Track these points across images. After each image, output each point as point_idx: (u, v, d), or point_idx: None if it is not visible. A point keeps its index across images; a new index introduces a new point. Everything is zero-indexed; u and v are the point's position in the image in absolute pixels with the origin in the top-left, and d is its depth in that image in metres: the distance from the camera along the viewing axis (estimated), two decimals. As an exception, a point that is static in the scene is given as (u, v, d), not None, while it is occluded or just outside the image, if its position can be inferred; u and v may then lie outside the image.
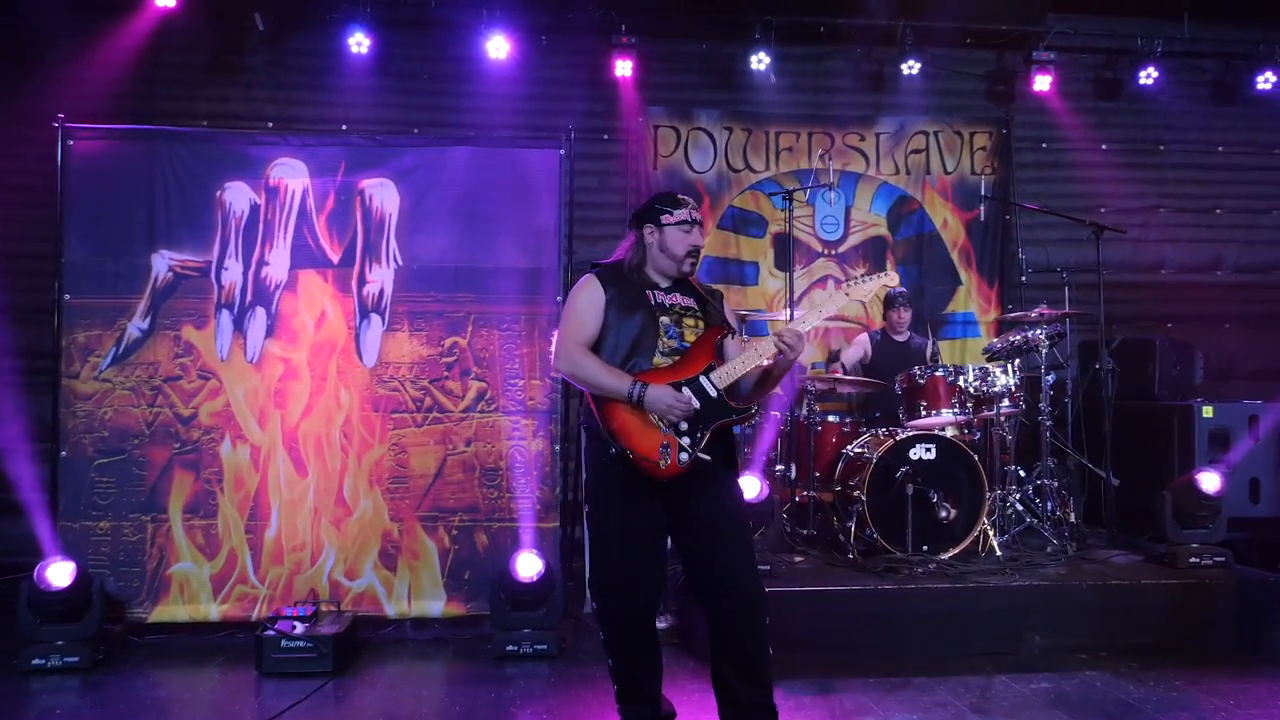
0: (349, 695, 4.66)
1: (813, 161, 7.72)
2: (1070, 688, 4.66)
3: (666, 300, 3.63)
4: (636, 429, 3.41)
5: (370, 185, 5.54)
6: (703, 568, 3.56)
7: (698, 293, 3.71)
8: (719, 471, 3.55)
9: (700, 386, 3.46)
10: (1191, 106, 8.09)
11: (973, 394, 5.94)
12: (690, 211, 3.67)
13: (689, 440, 3.42)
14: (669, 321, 3.58)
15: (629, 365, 3.51)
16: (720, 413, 3.47)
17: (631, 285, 3.64)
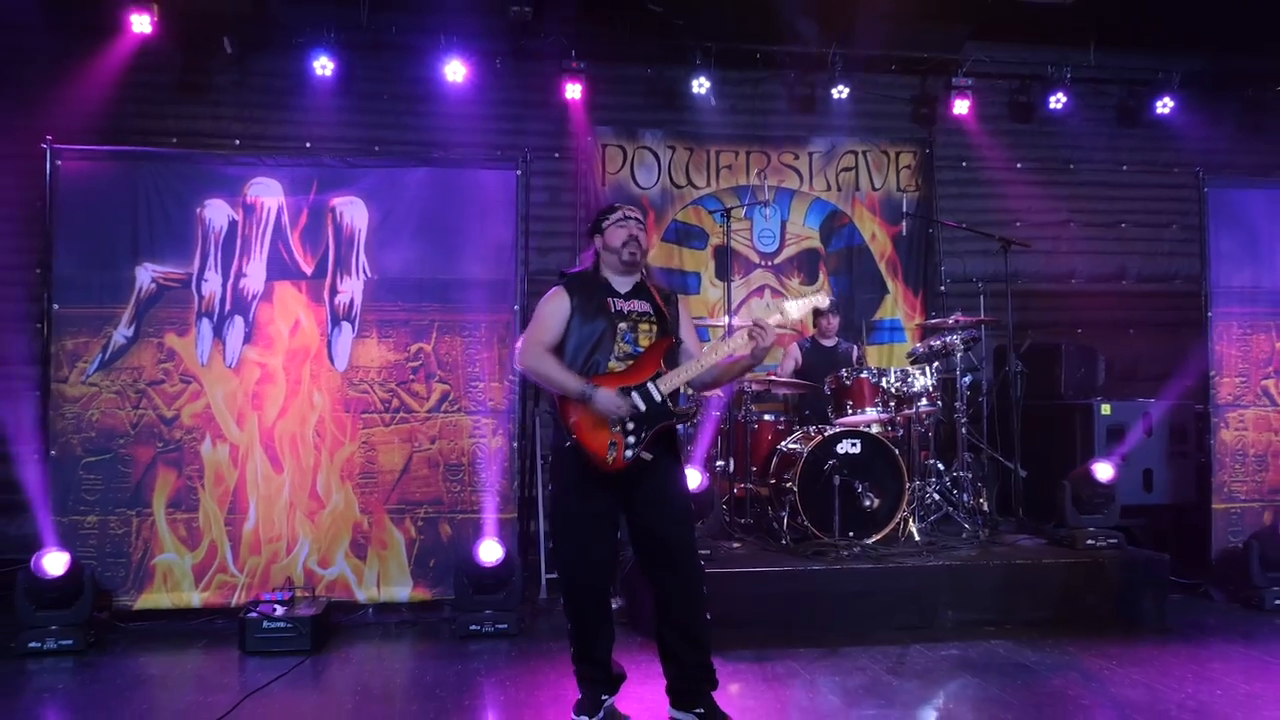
0: (326, 670, 5.11)
1: (750, 178, 8.29)
2: (975, 654, 5.23)
3: (625, 307, 4.00)
4: (589, 426, 3.83)
5: (341, 203, 5.98)
6: (651, 545, 3.99)
7: (655, 299, 4.07)
8: (665, 462, 3.98)
9: (646, 391, 3.85)
10: (1098, 129, 8.76)
11: (894, 394, 6.51)
12: (625, 210, 4.10)
13: (633, 439, 3.83)
14: (626, 327, 3.96)
15: (587, 366, 3.91)
16: (662, 416, 3.88)
17: (594, 292, 4.01)
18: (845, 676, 4.86)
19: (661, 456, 3.96)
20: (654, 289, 4.12)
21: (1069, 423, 7.13)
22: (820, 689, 4.69)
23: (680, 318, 4.14)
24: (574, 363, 3.94)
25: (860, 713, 4.37)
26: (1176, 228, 8.77)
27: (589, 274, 4.11)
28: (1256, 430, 6.61)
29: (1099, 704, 4.51)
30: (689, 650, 4.01)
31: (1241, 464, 6.58)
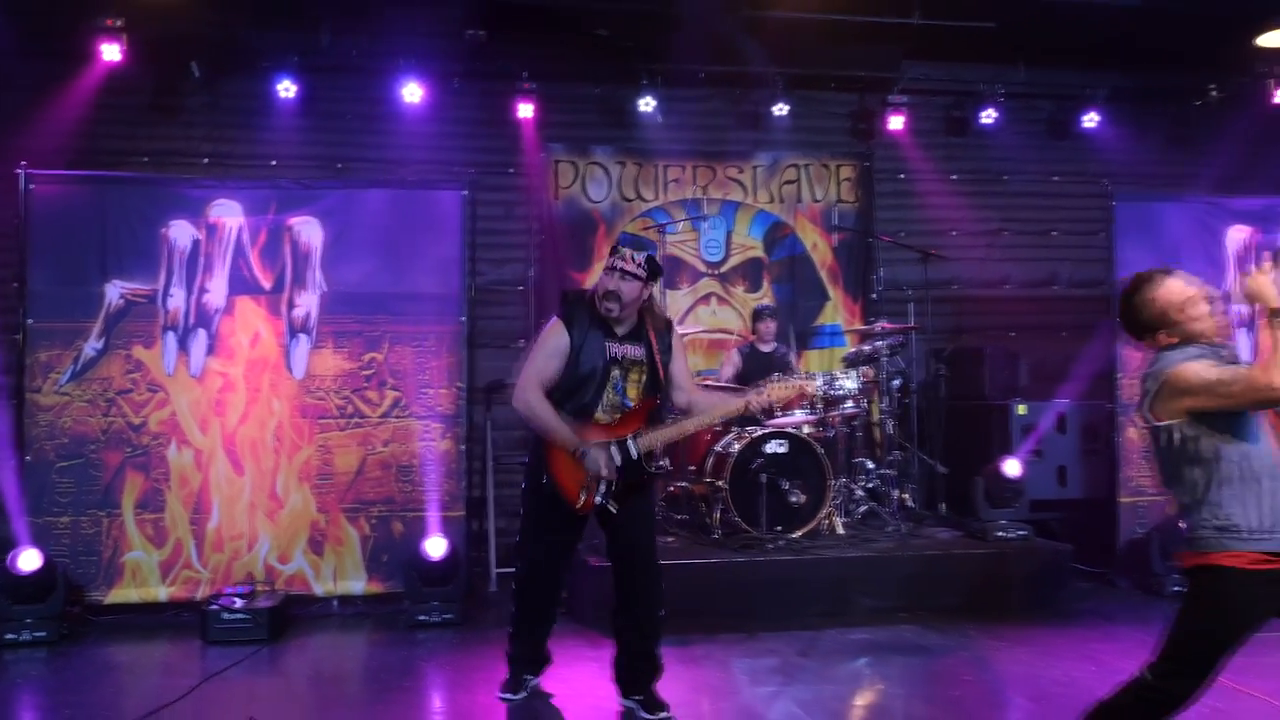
0: (282, 657, 5.53)
1: (697, 192, 8.71)
2: (883, 638, 5.68)
3: (620, 352, 4.13)
4: (566, 468, 4.07)
5: (298, 222, 6.41)
6: (622, 548, 4.28)
7: (651, 341, 4.18)
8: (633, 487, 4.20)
9: (625, 447, 4.08)
10: (1030, 141, 9.18)
11: (822, 396, 6.94)
12: (615, 260, 4.10)
13: (604, 488, 4.08)
14: (618, 375, 4.13)
15: (576, 410, 4.09)
16: (635, 472, 4.12)
17: (593, 331, 4.10)
18: (757, 658, 5.30)
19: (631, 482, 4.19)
20: (651, 329, 4.21)
21: (989, 422, 7.57)
22: (731, 670, 5.13)
23: (674, 348, 4.29)
24: (563, 403, 4.10)
25: (762, 689, 4.80)
26: (1104, 235, 9.16)
27: (587, 304, 4.17)
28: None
29: (981, 679, 4.95)
30: (639, 642, 4.32)
31: (1147, 460, 7.01)
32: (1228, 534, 3.02)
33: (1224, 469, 3.04)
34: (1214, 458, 3.05)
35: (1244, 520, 3.01)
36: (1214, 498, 3.05)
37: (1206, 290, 3.18)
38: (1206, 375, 3.00)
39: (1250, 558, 3.01)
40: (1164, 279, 3.17)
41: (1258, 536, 2.99)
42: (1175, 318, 3.10)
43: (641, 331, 4.20)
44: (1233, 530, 3.02)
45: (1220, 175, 8.92)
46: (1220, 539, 3.04)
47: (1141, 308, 3.17)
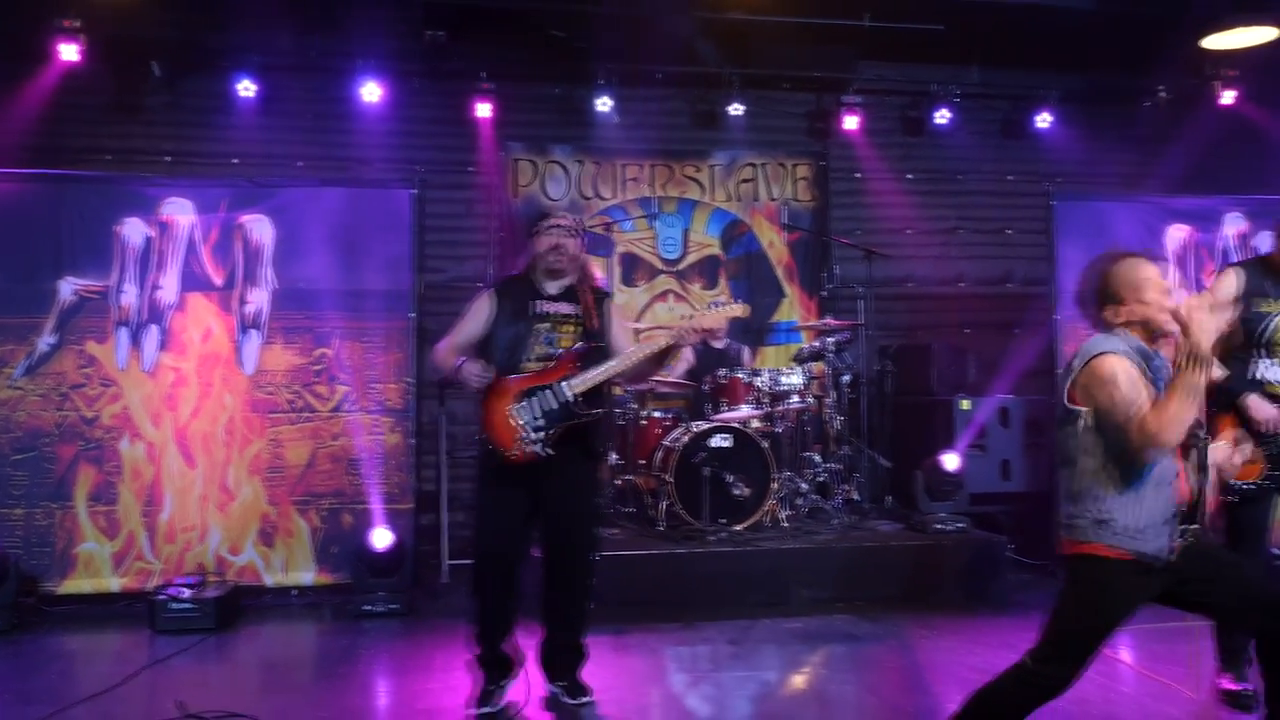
0: (228, 646, 5.66)
1: (655, 190, 8.84)
2: (815, 627, 5.82)
3: (549, 309, 4.22)
4: (498, 422, 4.09)
5: (249, 220, 6.53)
6: (556, 538, 4.31)
7: (585, 302, 4.26)
8: (578, 460, 4.25)
9: (557, 390, 4.10)
10: (985, 141, 9.31)
11: (768, 392, 7.08)
12: (555, 219, 4.31)
13: (538, 435, 4.06)
14: (547, 329, 4.19)
15: (508, 365, 4.14)
16: (567, 415, 4.11)
17: (522, 295, 4.25)
18: (688, 647, 5.44)
19: (574, 454, 4.21)
20: (587, 292, 4.31)
21: (934, 417, 7.70)
22: (661, 657, 5.26)
23: (610, 319, 4.34)
24: (495, 361, 4.16)
25: (686, 676, 4.95)
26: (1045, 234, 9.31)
27: (519, 278, 4.37)
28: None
29: (901, 666, 5.09)
30: (565, 632, 4.40)
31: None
32: (1103, 527, 3.14)
33: (1116, 469, 3.12)
34: (1107, 456, 3.13)
35: (1121, 518, 3.12)
36: (1099, 492, 3.15)
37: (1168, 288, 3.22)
38: (1122, 386, 3.05)
39: (1119, 552, 3.13)
40: (1133, 258, 3.22)
41: (1129, 535, 3.11)
42: (1125, 295, 3.16)
43: (574, 293, 4.29)
44: (1108, 525, 3.13)
45: (1169, 175, 9.07)
46: (1095, 530, 3.16)
47: (1099, 276, 3.23)
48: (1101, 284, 3.23)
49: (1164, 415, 2.96)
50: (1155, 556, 3.10)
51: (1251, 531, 4.30)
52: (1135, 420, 3.00)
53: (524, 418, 4.09)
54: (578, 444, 4.23)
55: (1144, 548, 3.09)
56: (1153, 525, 3.10)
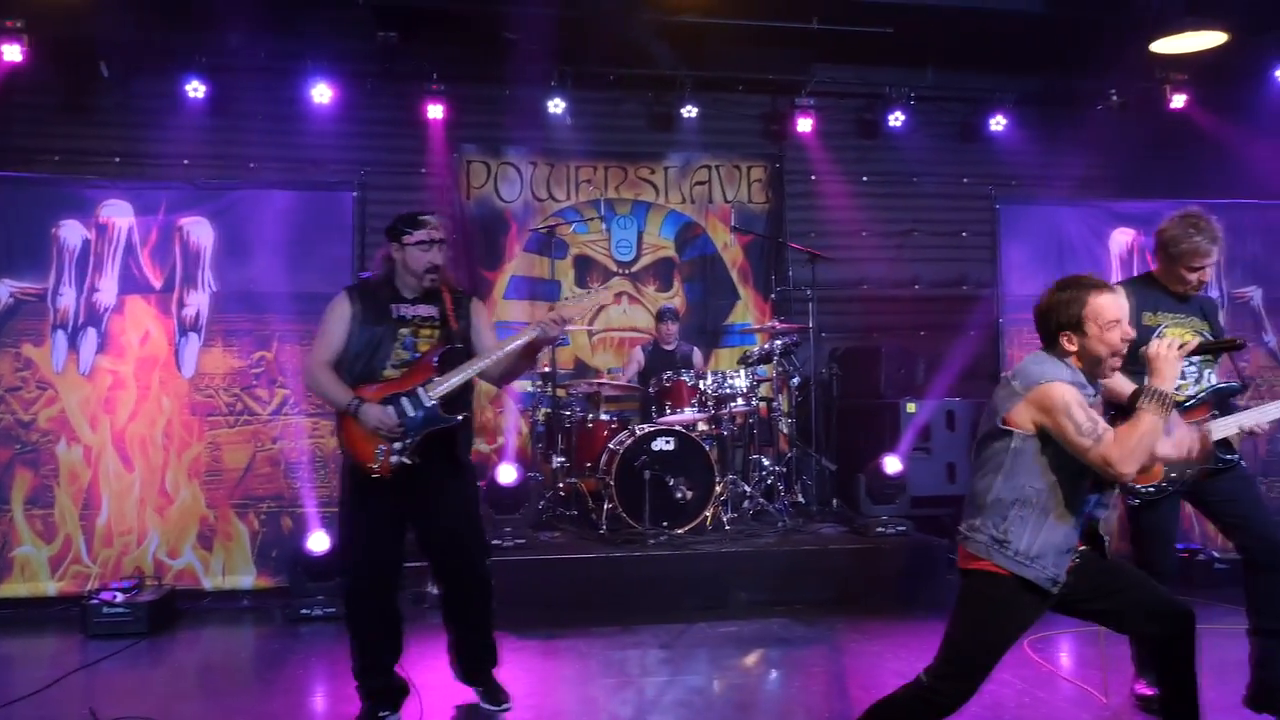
0: (159, 650, 5.65)
1: (609, 192, 8.84)
2: (750, 631, 5.82)
3: (409, 312, 4.05)
4: (359, 436, 3.93)
5: (188, 223, 6.52)
6: (437, 554, 4.20)
7: (445, 302, 4.08)
8: (447, 470, 4.06)
9: (416, 398, 3.92)
10: (941, 144, 9.32)
11: (712, 395, 7.09)
12: (430, 231, 4.05)
13: (400, 445, 3.90)
14: (407, 333, 4.02)
15: (365, 373, 3.97)
16: (430, 422, 3.92)
17: (379, 298, 4.06)
18: (618, 650, 5.44)
19: (442, 461, 4.03)
20: (447, 292, 4.14)
21: (880, 420, 7.72)
22: (589, 660, 5.26)
23: (474, 320, 4.17)
24: (351, 369, 4.00)
25: (610, 680, 4.95)
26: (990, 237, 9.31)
27: (377, 281, 4.14)
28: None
29: (826, 670, 5.10)
30: (472, 633, 4.30)
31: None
32: (999, 547, 3.15)
33: (1029, 492, 3.14)
34: (1027, 479, 3.14)
35: (1017, 541, 3.13)
36: (1009, 513, 3.15)
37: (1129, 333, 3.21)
38: (1074, 412, 3.04)
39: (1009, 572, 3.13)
40: (1110, 293, 3.19)
41: (1022, 560, 3.11)
42: (1090, 329, 3.14)
43: (435, 295, 4.12)
44: (1004, 545, 3.14)
45: (1121, 178, 9.14)
46: (990, 548, 3.16)
47: (1071, 303, 3.18)
48: (1069, 310, 3.18)
49: (1125, 446, 2.99)
50: (1043, 584, 3.11)
51: (1156, 534, 4.33)
52: (1093, 445, 3.01)
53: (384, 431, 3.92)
54: (445, 452, 4.05)
55: (1033, 574, 3.10)
56: (1049, 554, 3.11)
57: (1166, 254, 4.28)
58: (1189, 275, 4.24)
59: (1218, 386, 4.26)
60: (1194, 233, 4.17)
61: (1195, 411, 4.19)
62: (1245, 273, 7.56)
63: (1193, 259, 4.19)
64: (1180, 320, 4.30)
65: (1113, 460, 2.97)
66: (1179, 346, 3.12)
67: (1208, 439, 3.42)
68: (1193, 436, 3.40)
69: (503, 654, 5.18)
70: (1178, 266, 4.24)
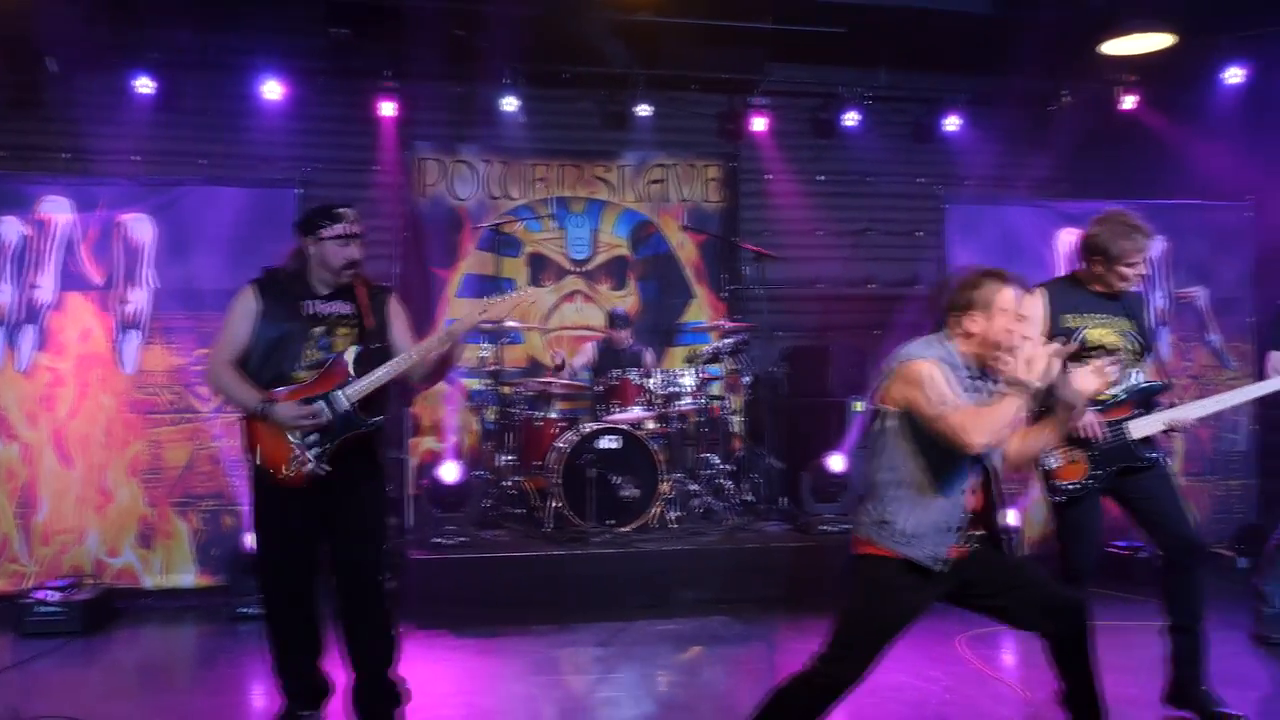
0: (92, 650, 5.62)
1: (564, 190, 8.84)
2: (690, 628, 5.83)
3: (322, 310, 3.81)
4: (270, 440, 3.71)
5: (128, 219, 6.47)
6: (345, 564, 3.87)
7: (360, 299, 3.86)
8: (362, 476, 3.84)
9: (331, 401, 3.71)
10: (896, 143, 9.34)
11: (660, 394, 7.10)
12: (347, 226, 3.81)
13: (315, 451, 3.70)
14: (321, 331, 3.78)
15: (275, 375, 3.73)
16: (348, 426, 3.72)
17: (289, 294, 3.81)
18: (551, 650, 5.44)
19: (357, 468, 3.83)
20: (363, 288, 3.91)
21: (828, 418, 7.74)
22: (524, 658, 5.26)
23: (391, 318, 3.94)
24: (260, 371, 3.76)
25: (543, 679, 4.96)
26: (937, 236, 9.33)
27: (287, 275, 3.90)
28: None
29: (758, 668, 5.14)
30: (373, 666, 3.91)
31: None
32: (882, 528, 3.19)
33: (903, 471, 3.19)
34: (901, 458, 3.19)
35: (899, 521, 3.17)
36: (887, 494, 3.21)
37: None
38: (928, 385, 3.09)
39: (893, 553, 3.17)
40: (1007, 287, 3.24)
41: (903, 539, 3.15)
42: (995, 316, 3.19)
43: (349, 290, 3.89)
44: (886, 526, 3.18)
45: (1071, 179, 9.20)
46: (875, 530, 3.21)
47: (974, 285, 3.26)
48: (970, 293, 3.25)
49: (976, 418, 3.01)
50: (926, 562, 3.14)
51: (1079, 531, 4.35)
52: (945, 418, 3.04)
53: (297, 434, 3.71)
54: (360, 456, 3.84)
55: (915, 553, 3.13)
56: (929, 533, 3.14)
57: (1104, 255, 4.22)
58: (1129, 272, 4.19)
59: (1140, 386, 4.28)
60: (1129, 230, 4.16)
61: (1117, 410, 4.22)
62: (1190, 273, 7.61)
63: (1133, 255, 4.16)
64: (1105, 321, 4.27)
65: (957, 428, 2.99)
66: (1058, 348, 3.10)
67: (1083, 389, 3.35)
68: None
69: (440, 653, 5.27)
70: (1118, 265, 4.19)
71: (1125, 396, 4.25)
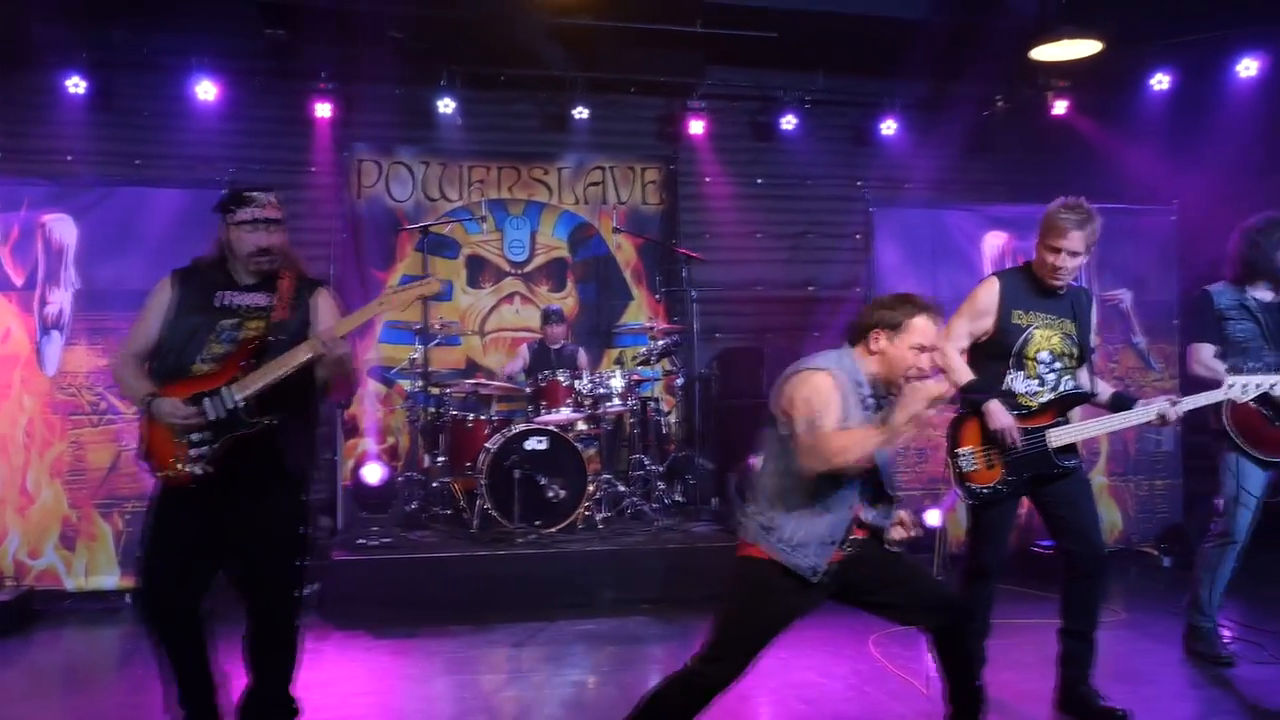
0: (13, 651, 5.57)
1: (502, 192, 8.86)
2: (608, 629, 5.87)
3: (238, 301, 3.63)
4: (158, 437, 3.51)
5: (51, 220, 6.44)
6: (246, 578, 3.68)
7: (283, 291, 3.65)
8: (266, 482, 3.61)
9: (220, 398, 3.47)
10: (836, 146, 9.42)
11: (588, 395, 7.13)
12: (256, 210, 3.62)
13: (200, 451, 3.46)
14: (231, 324, 3.58)
15: (174, 369, 3.55)
16: (232, 425, 3.48)
17: (206, 284, 3.66)
18: (465, 650, 5.45)
19: (260, 473, 3.59)
20: (289, 278, 3.70)
21: (761, 420, 7.77)
22: (436, 659, 5.28)
23: (316, 312, 3.69)
24: (163, 364, 3.59)
25: (453, 678, 4.97)
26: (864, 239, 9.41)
27: (211, 262, 3.74)
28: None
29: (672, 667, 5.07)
30: (267, 684, 3.74)
31: (904, 456, 7.31)
32: (766, 533, 3.24)
33: (791, 479, 3.24)
34: (790, 465, 3.23)
35: (783, 528, 3.22)
36: (775, 500, 3.25)
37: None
38: (815, 400, 3.15)
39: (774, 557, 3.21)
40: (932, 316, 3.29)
41: (787, 547, 3.20)
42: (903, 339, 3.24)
43: (271, 281, 3.69)
44: (771, 532, 3.23)
45: (1005, 182, 9.31)
46: (759, 534, 3.25)
47: (891, 307, 3.30)
48: (889, 316, 3.29)
49: (840, 439, 3.07)
50: (805, 573, 3.19)
51: (990, 533, 4.42)
52: (812, 433, 3.09)
53: (183, 433, 3.48)
54: (263, 461, 3.57)
55: (796, 562, 3.19)
56: (812, 544, 3.19)
57: (1041, 234, 4.21)
58: (1046, 256, 4.17)
59: (1065, 393, 4.31)
60: (1063, 210, 4.13)
61: (1040, 416, 4.26)
62: (1116, 276, 7.72)
63: (1050, 235, 4.13)
64: (1050, 321, 4.28)
65: (819, 447, 3.05)
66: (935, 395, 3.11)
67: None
68: None
69: (356, 654, 5.29)
70: (1041, 245, 4.20)
71: (1050, 403, 4.27)
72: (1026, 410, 4.25)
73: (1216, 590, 4.93)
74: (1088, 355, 4.37)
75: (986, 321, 4.33)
